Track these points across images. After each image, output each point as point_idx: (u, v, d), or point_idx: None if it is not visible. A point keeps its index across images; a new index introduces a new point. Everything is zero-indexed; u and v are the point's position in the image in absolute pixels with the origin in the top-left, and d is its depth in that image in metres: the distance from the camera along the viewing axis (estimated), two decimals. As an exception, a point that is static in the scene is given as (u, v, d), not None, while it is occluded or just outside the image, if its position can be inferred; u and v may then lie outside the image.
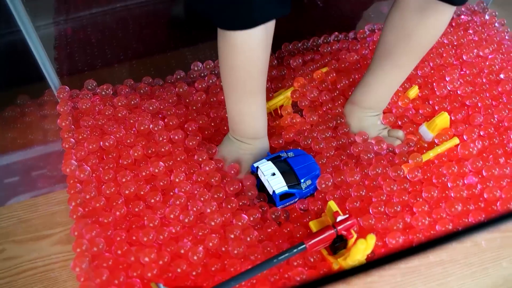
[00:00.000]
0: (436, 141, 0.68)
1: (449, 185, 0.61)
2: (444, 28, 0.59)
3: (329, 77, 0.74)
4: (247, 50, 0.53)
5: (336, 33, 0.81)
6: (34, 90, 0.73)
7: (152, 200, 0.59)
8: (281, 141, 0.68)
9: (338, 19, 0.90)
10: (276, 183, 0.59)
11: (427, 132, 0.69)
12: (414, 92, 0.73)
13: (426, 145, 0.68)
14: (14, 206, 0.63)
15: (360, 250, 0.50)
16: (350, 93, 0.71)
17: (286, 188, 0.59)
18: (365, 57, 0.77)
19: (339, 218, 0.53)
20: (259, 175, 0.61)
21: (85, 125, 0.67)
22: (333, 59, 0.77)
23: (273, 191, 0.59)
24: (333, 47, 0.79)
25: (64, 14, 0.83)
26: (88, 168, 0.62)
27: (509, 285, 0.58)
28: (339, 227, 0.52)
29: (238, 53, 0.54)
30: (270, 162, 0.61)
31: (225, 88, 0.60)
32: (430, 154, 0.66)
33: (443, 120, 0.68)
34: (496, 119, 0.69)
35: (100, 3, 0.85)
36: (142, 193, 0.60)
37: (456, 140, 0.67)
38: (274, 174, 0.59)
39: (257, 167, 0.60)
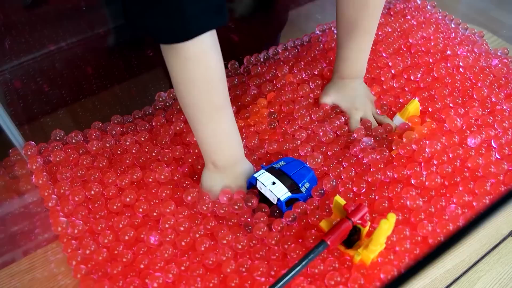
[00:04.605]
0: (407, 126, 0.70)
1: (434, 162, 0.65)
2: None
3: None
4: (201, 58, 0.51)
5: (291, 39, 0.84)
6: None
7: (152, 240, 0.57)
8: (262, 151, 0.68)
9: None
10: (278, 191, 0.59)
11: (401, 120, 0.71)
12: (413, 106, 0.72)
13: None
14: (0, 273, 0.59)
15: (384, 230, 0.50)
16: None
17: (289, 194, 0.60)
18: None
19: (350, 210, 0.54)
20: (259, 187, 0.61)
21: (63, 178, 0.63)
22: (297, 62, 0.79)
23: (278, 199, 0.59)
24: (292, 53, 0.82)
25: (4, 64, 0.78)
26: (81, 222, 0.58)
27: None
28: (354, 218, 0.53)
29: (193, 65, 0.52)
30: (267, 172, 0.61)
31: (189, 112, 0.56)
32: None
33: (414, 107, 0.71)
34: (456, 92, 0.75)
35: (40, 45, 0.81)
36: (142, 236, 0.58)
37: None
38: (274, 183, 0.60)
39: (256, 179, 0.61)
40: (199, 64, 0.52)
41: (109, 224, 0.59)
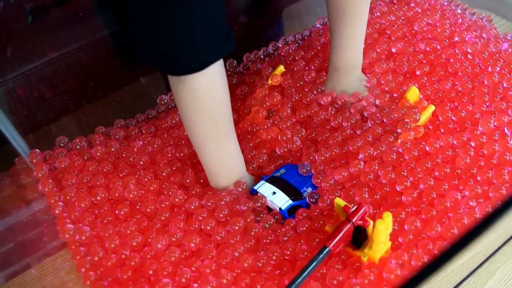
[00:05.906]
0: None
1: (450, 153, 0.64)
2: None
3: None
4: (211, 89, 0.50)
5: (292, 33, 0.82)
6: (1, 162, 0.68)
7: (159, 246, 0.56)
8: (264, 158, 0.66)
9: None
10: (279, 200, 0.59)
11: None
12: (412, 94, 0.70)
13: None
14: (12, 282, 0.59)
15: (381, 231, 0.50)
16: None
17: (291, 202, 0.59)
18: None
19: (350, 211, 0.53)
20: None
21: (69, 185, 0.63)
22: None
23: (280, 208, 0.59)
24: (292, 48, 0.80)
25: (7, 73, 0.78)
26: (88, 228, 0.58)
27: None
28: (354, 219, 0.52)
29: (203, 96, 0.50)
30: (266, 183, 0.61)
31: (195, 139, 0.56)
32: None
33: (413, 94, 0.69)
34: (465, 78, 0.73)
35: (41, 53, 0.80)
36: (149, 240, 0.57)
37: (432, 107, 0.68)
38: (274, 192, 0.59)
39: (257, 191, 0.60)
40: (209, 95, 0.50)
41: (116, 230, 0.59)
